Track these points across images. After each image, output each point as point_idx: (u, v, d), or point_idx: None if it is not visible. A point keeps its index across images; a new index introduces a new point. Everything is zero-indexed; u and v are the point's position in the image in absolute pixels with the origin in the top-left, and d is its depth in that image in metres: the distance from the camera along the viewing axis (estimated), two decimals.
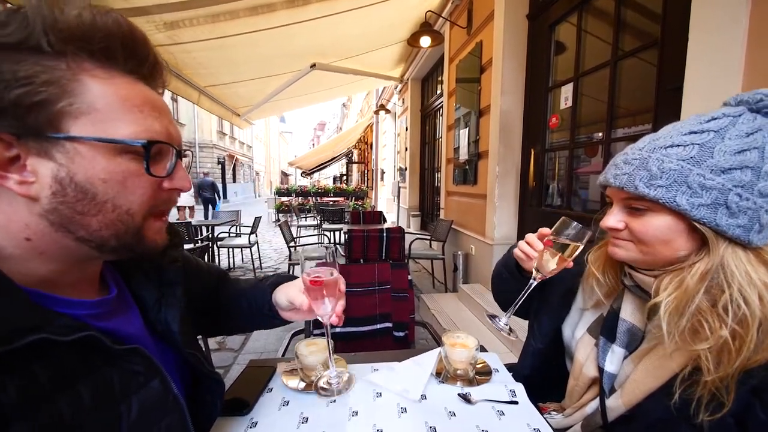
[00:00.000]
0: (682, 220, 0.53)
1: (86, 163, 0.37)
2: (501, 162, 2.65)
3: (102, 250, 0.41)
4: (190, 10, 2.39)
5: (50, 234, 0.38)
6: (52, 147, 0.35)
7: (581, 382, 0.68)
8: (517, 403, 0.69)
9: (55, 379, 0.34)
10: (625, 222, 0.59)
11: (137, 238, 0.42)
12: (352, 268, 1.43)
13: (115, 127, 0.38)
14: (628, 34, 1.79)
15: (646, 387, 0.57)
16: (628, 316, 0.63)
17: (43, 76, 0.34)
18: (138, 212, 0.41)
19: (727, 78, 1.12)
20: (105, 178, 0.38)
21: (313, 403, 0.70)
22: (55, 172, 0.36)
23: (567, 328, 0.76)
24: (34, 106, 0.34)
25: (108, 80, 0.38)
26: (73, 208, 0.37)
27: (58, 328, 0.35)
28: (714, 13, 1.17)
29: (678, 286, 0.52)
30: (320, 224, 6.96)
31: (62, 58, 0.35)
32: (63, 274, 0.41)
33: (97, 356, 0.39)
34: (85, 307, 0.42)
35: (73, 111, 0.35)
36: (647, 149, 0.56)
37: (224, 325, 0.80)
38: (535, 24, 2.50)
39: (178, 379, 0.52)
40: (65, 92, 0.35)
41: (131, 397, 0.40)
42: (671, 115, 1.38)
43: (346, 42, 3.77)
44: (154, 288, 0.53)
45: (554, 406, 0.76)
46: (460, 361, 0.77)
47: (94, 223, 0.38)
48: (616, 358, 0.63)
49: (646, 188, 0.53)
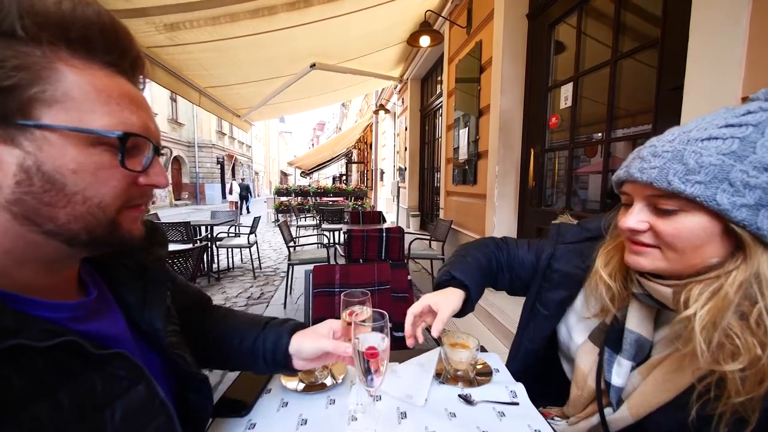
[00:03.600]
0: (719, 222, 0.47)
1: (55, 153, 0.35)
2: (501, 162, 2.65)
3: (72, 244, 0.39)
4: (191, 12, 2.39)
5: (14, 228, 0.36)
6: (19, 134, 0.34)
7: (586, 393, 0.65)
8: (518, 404, 0.69)
9: (32, 387, 0.33)
10: (649, 223, 0.52)
11: (110, 231, 0.40)
12: (351, 268, 1.42)
13: (90, 117, 0.37)
14: (628, 33, 1.79)
15: (655, 400, 0.54)
16: (634, 327, 0.59)
17: (14, 60, 0.33)
18: (110, 206, 0.39)
19: (728, 78, 1.12)
20: (75, 169, 0.36)
21: (312, 404, 0.70)
22: (21, 160, 0.34)
23: (563, 328, 0.74)
24: (2, 91, 0.33)
25: (85, 70, 0.37)
26: (39, 198, 0.35)
27: (35, 333, 0.33)
28: (714, 12, 1.16)
29: (712, 297, 0.46)
30: (319, 224, 6.95)
31: (37, 45, 0.34)
32: (36, 275, 0.39)
33: (78, 361, 0.37)
34: (64, 309, 0.41)
35: (46, 98, 0.34)
36: (679, 141, 0.49)
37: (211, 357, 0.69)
38: (534, 23, 2.50)
39: (163, 381, 0.51)
40: (38, 79, 0.34)
41: (115, 403, 0.39)
42: (671, 115, 1.38)
43: (347, 44, 3.77)
44: (138, 287, 0.52)
45: (556, 411, 0.74)
46: (461, 362, 0.77)
47: (62, 216, 0.37)
48: (623, 371, 0.59)
49: (681, 184, 0.47)
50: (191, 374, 0.55)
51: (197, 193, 18.44)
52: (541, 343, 0.77)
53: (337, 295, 1.37)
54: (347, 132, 13.37)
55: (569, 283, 0.73)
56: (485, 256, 0.86)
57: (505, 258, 0.87)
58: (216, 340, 0.68)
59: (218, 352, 0.68)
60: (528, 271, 0.85)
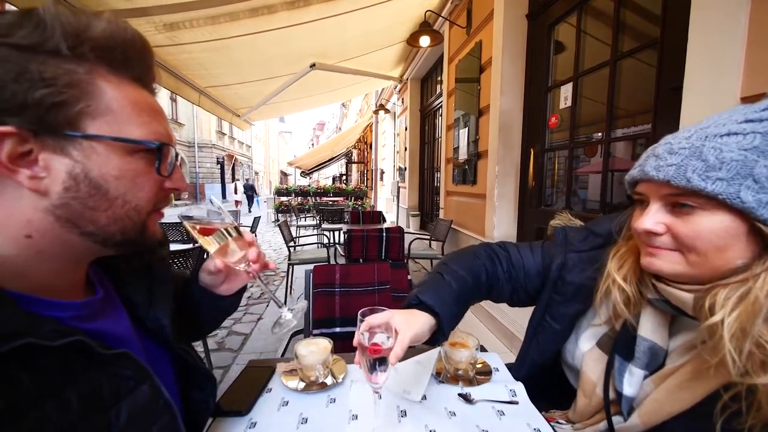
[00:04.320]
0: (744, 221, 0.44)
1: (101, 161, 0.39)
2: (500, 162, 2.65)
3: (106, 244, 0.42)
4: (190, 11, 2.39)
5: (53, 230, 0.39)
6: (68, 144, 0.37)
7: (594, 401, 0.62)
8: (517, 403, 0.69)
9: (42, 385, 0.34)
10: (666, 224, 0.50)
11: (141, 232, 0.44)
12: (351, 267, 1.42)
13: (129, 128, 0.41)
14: (628, 33, 1.79)
15: (670, 409, 0.52)
16: (648, 334, 0.56)
17: (65, 78, 0.36)
18: (144, 208, 0.44)
19: (727, 78, 1.12)
20: (117, 175, 0.40)
21: (312, 403, 0.70)
22: (70, 168, 0.38)
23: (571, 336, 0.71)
24: (55, 105, 0.36)
25: (119, 85, 0.41)
26: (84, 203, 0.39)
27: (45, 333, 0.34)
28: (713, 12, 1.17)
29: (740, 302, 0.43)
30: (319, 224, 6.95)
31: (82, 63, 0.38)
32: (56, 275, 0.42)
33: (85, 361, 0.38)
34: (72, 309, 0.42)
35: (90, 112, 0.38)
36: (697, 137, 0.47)
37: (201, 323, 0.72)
38: (534, 24, 2.50)
39: (169, 379, 0.52)
40: (84, 94, 0.38)
41: (120, 403, 0.40)
42: (671, 115, 1.39)
43: (347, 43, 3.77)
44: (143, 287, 0.54)
45: (560, 415, 0.72)
46: (460, 361, 0.77)
47: (103, 218, 0.40)
48: (635, 380, 0.56)
49: (702, 181, 0.44)
50: (198, 370, 0.56)
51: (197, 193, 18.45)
52: (550, 357, 0.74)
53: (337, 294, 1.37)
54: (347, 132, 13.38)
55: (583, 296, 0.68)
56: (471, 272, 0.76)
57: (504, 268, 0.79)
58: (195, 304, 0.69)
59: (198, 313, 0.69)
60: (534, 281, 0.78)
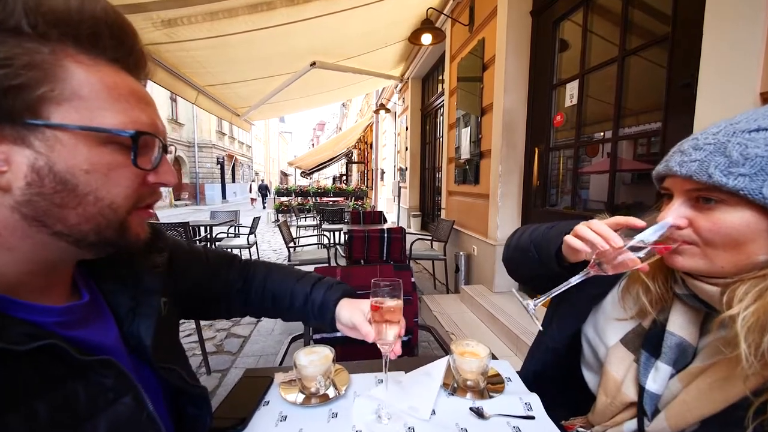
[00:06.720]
0: (765, 217, 0.44)
1: (67, 153, 0.34)
2: (504, 161, 2.61)
3: (80, 245, 0.38)
4: (189, 7, 2.34)
5: (23, 229, 0.35)
6: (30, 134, 0.33)
7: (618, 401, 0.60)
8: (534, 418, 0.64)
9: (7, 395, 0.30)
10: (689, 219, 0.50)
11: (120, 232, 0.40)
12: (352, 269, 1.38)
13: (101, 115, 0.36)
14: (637, 28, 1.74)
15: (699, 412, 0.50)
16: (677, 330, 0.55)
17: (23, 58, 0.32)
18: (122, 206, 0.39)
19: (744, 74, 1.08)
20: (87, 169, 0.35)
21: (312, 418, 0.66)
22: (33, 161, 0.33)
23: (590, 331, 0.68)
24: (11, 89, 0.31)
25: (93, 67, 0.36)
26: (50, 200, 0.34)
27: (13, 336, 0.31)
28: (730, 5, 1.12)
29: (759, 297, 0.43)
30: (320, 224, 6.91)
31: (46, 42, 0.33)
32: (32, 276, 0.37)
33: (60, 367, 0.35)
34: (51, 314, 0.38)
35: (55, 97, 0.33)
36: (724, 133, 0.47)
37: (251, 310, 0.78)
38: (538, 20, 2.45)
39: (159, 394, 0.48)
40: (47, 77, 0.33)
41: (99, 416, 0.36)
42: (683, 112, 1.34)
43: (347, 42, 3.72)
44: (128, 296, 0.48)
45: (580, 421, 0.68)
46: (471, 372, 0.72)
47: (73, 217, 0.36)
48: (660, 376, 0.55)
49: (723, 177, 0.45)
50: (186, 388, 0.52)
51: (197, 194, 18.41)
52: (564, 341, 0.72)
53: None
54: (347, 132, 13.34)
55: (601, 279, 0.67)
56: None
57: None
58: (266, 297, 0.75)
59: (271, 310, 0.76)
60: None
